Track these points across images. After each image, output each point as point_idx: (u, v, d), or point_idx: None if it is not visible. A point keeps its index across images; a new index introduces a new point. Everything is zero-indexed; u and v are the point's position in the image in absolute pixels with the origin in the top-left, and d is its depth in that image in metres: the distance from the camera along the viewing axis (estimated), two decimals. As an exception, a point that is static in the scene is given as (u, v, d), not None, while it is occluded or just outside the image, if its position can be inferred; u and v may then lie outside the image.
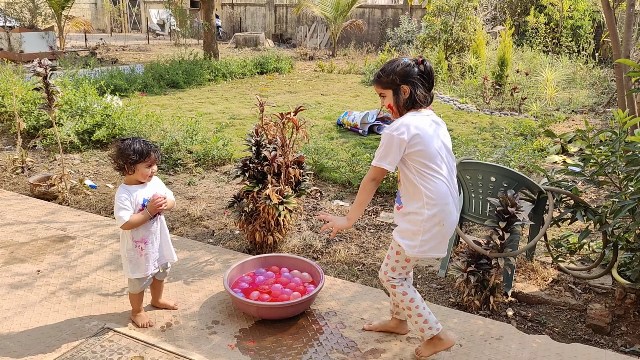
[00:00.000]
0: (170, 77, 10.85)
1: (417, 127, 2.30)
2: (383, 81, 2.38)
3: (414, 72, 2.34)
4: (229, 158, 5.93)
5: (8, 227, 4.03)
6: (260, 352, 2.62)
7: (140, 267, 2.73)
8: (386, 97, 2.41)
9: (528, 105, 8.84)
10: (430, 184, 2.33)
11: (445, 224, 2.37)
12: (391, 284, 2.51)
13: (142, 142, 2.69)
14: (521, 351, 2.65)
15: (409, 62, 2.35)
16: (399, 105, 2.38)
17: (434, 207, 2.33)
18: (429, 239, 2.36)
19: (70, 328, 2.79)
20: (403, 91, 2.35)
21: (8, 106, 6.79)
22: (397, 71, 2.34)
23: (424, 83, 2.36)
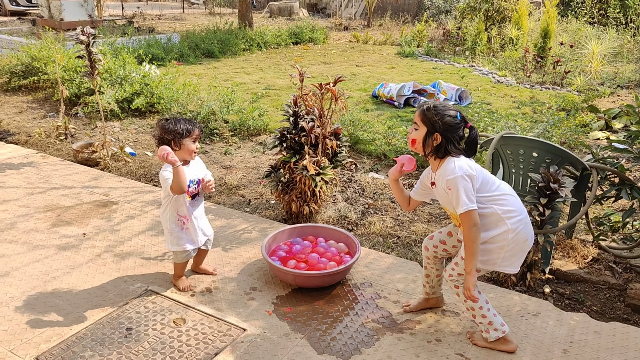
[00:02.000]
0: (205, 46, 10.89)
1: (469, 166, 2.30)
2: (427, 116, 2.33)
3: (458, 131, 2.31)
4: (264, 128, 5.97)
5: (54, 191, 4.18)
6: (297, 319, 2.68)
7: (180, 240, 2.81)
8: (418, 130, 2.38)
9: (571, 79, 8.53)
10: (504, 203, 2.31)
11: (528, 240, 2.35)
12: (455, 284, 2.48)
13: (185, 119, 2.79)
14: (558, 328, 2.64)
15: (459, 121, 2.32)
16: (423, 146, 2.37)
17: (519, 224, 2.30)
18: (510, 256, 2.34)
19: (116, 289, 2.91)
20: (435, 138, 2.32)
21: (51, 74, 6.96)
22: (444, 119, 2.30)
23: (459, 144, 2.32)
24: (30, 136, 5.67)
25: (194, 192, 2.82)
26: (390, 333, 2.59)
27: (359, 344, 2.50)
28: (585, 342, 2.53)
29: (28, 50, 7.30)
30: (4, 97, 7.24)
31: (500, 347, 2.46)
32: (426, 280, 2.73)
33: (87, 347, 2.43)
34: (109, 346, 2.45)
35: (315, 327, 2.62)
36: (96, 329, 2.57)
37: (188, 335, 2.53)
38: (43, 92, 7.27)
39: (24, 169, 4.61)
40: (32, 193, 4.12)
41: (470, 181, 2.25)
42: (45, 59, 7.12)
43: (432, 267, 2.68)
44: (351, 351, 2.46)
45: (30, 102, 7.04)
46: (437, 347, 2.49)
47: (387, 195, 4.40)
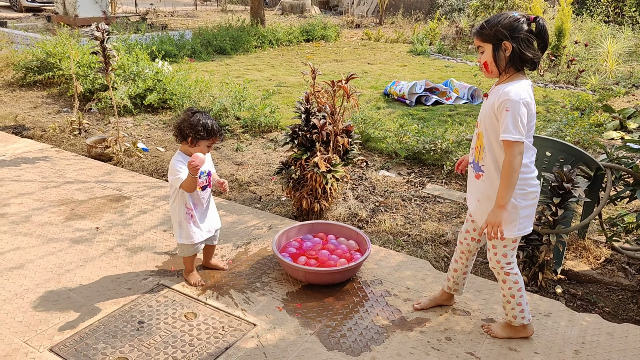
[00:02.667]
0: (217, 43, 10.93)
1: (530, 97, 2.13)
2: (485, 33, 2.13)
3: (522, 28, 2.08)
4: (275, 125, 5.98)
5: (68, 185, 4.23)
6: (307, 315, 2.69)
7: (188, 233, 2.83)
8: (485, 52, 2.16)
9: (585, 78, 8.44)
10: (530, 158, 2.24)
11: (537, 196, 2.31)
12: (506, 271, 2.37)
13: (212, 120, 2.76)
14: (570, 329, 2.62)
15: (519, 17, 2.10)
16: (497, 64, 2.14)
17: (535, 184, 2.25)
18: (529, 215, 2.28)
19: (128, 283, 2.94)
20: (504, 48, 2.11)
21: (65, 69, 7.03)
22: (503, 24, 2.09)
23: (531, 43, 2.09)
24: (45, 131, 5.73)
25: (204, 184, 2.83)
26: (400, 331, 2.59)
27: (368, 341, 2.51)
28: (597, 343, 2.52)
29: (43, 46, 7.38)
30: (19, 92, 7.33)
31: (520, 334, 2.49)
32: (452, 275, 2.68)
33: (100, 340, 2.46)
34: (121, 339, 2.47)
35: (325, 323, 2.63)
36: (109, 321, 2.60)
37: (199, 329, 2.55)
38: (57, 87, 7.34)
39: (39, 163, 4.67)
40: (47, 187, 4.17)
41: (527, 111, 2.08)
42: (60, 55, 7.19)
43: (464, 262, 2.63)
44: (361, 348, 2.46)
45: (45, 97, 7.12)
46: (447, 346, 2.48)
47: (397, 193, 4.39)
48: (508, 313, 2.49)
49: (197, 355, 2.38)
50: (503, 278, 2.42)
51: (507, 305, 2.47)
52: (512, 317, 2.47)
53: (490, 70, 2.18)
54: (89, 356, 2.36)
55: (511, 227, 2.27)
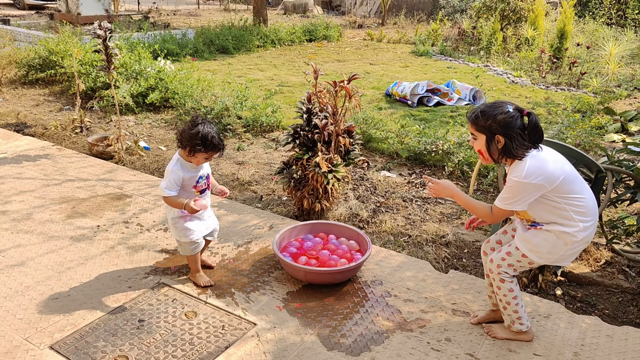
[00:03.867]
0: (220, 42, 10.94)
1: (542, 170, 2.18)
2: (479, 124, 2.23)
3: (516, 124, 2.17)
4: (277, 125, 5.98)
5: (70, 183, 4.24)
6: (307, 315, 2.70)
7: (185, 232, 2.83)
8: (477, 140, 2.28)
9: (587, 80, 8.43)
10: (580, 208, 2.25)
11: (588, 241, 2.33)
12: (501, 278, 2.40)
13: (212, 133, 2.68)
14: (570, 330, 2.62)
15: (513, 113, 2.18)
16: (491, 154, 2.26)
17: (588, 229, 2.26)
18: (572, 253, 2.32)
19: (128, 281, 2.94)
20: (497, 141, 2.21)
21: (67, 67, 7.04)
22: (497, 119, 2.18)
23: (523, 139, 2.18)
24: (47, 129, 5.74)
25: (202, 187, 2.84)
26: (400, 331, 2.59)
27: (368, 341, 2.51)
28: (597, 346, 2.52)
29: (46, 44, 7.39)
30: (21, 89, 7.35)
31: (520, 337, 2.52)
32: (490, 290, 2.63)
33: (100, 338, 2.47)
34: (121, 337, 2.48)
35: (325, 323, 2.64)
36: (109, 319, 2.60)
37: (199, 328, 2.56)
38: (59, 85, 7.36)
39: (40, 161, 4.68)
40: (48, 185, 4.18)
41: (529, 190, 2.17)
42: (63, 53, 7.20)
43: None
44: (361, 348, 2.46)
45: (47, 95, 7.13)
46: (446, 347, 2.49)
47: (398, 194, 4.39)
48: (505, 319, 2.51)
49: (197, 354, 2.39)
50: (498, 284, 2.43)
51: (504, 312, 2.49)
52: (510, 322, 2.49)
53: (485, 158, 2.31)
54: (89, 354, 2.36)
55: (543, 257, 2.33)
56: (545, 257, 2.32)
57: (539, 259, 2.33)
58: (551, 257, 2.31)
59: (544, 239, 2.28)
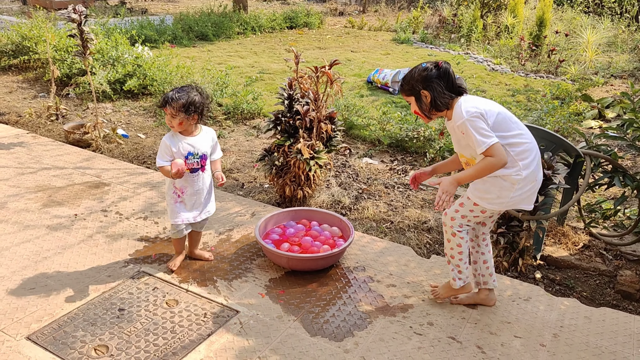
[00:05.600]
0: (199, 29, 10.76)
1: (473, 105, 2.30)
2: (405, 89, 2.45)
3: (432, 75, 2.35)
4: (258, 112, 5.93)
5: (46, 171, 4.14)
6: (290, 302, 2.69)
7: (173, 213, 2.80)
8: (411, 104, 2.47)
9: (565, 67, 8.53)
10: (519, 146, 2.33)
11: (537, 179, 2.41)
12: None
13: (180, 92, 2.66)
14: (549, 312, 2.66)
15: (427, 67, 2.38)
16: (424, 110, 2.43)
17: (529, 167, 2.34)
18: (521, 194, 2.37)
19: (108, 270, 2.89)
20: (424, 96, 2.39)
21: (41, 53, 6.85)
22: (415, 77, 2.39)
23: (442, 84, 2.35)
24: (21, 116, 5.59)
25: (193, 166, 2.78)
26: (383, 316, 2.60)
27: (351, 327, 2.52)
28: (576, 327, 2.56)
29: (18, 29, 7.17)
30: (-7, 76, 7.13)
31: (460, 292, 2.64)
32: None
33: (79, 327, 2.42)
34: (101, 326, 2.44)
35: (309, 309, 2.63)
36: (88, 309, 2.56)
37: (181, 317, 2.53)
38: (33, 72, 7.17)
39: (14, 149, 4.55)
40: (23, 173, 4.07)
41: (480, 119, 2.25)
42: (36, 38, 7.00)
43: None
44: (344, 333, 2.47)
45: (21, 82, 6.94)
46: (429, 331, 2.50)
47: (380, 180, 4.39)
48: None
49: (179, 342, 2.36)
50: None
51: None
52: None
53: (423, 117, 2.47)
54: (68, 344, 2.32)
55: (495, 202, 2.39)
56: (496, 202, 2.39)
57: (490, 204, 2.40)
58: (502, 201, 2.37)
59: (491, 183, 2.37)
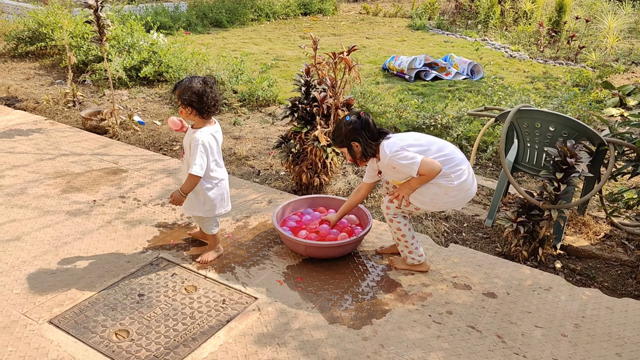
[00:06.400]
0: (213, 15, 10.72)
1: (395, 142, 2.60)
2: (337, 142, 2.70)
3: (357, 127, 2.59)
4: (273, 99, 5.90)
5: (64, 157, 4.17)
6: (307, 289, 2.68)
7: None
8: (345, 153, 2.71)
9: (585, 54, 8.36)
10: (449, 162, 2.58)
11: (471, 190, 2.66)
12: (390, 218, 2.76)
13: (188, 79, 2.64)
14: (570, 303, 2.63)
15: (351, 120, 2.62)
16: (357, 158, 2.69)
17: (461, 176, 2.58)
18: (453, 200, 2.63)
19: (127, 256, 2.91)
20: (355, 146, 2.64)
21: (57, 40, 6.88)
22: (344, 133, 2.63)
23: (367, 135, 2.60)
24: (38, 103, 5.63)
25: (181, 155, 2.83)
26: (401, 304, 2.59)
27: (370, 315, 2.51)
28: (597, 317, 2.53)
29: (35, 15, 7.19)
30: (11, 63, 7.18)
31: (416, 269, 2.86)
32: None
33: (100, 312, 2.45)
34: (121, 311, 2.46)
35: (327, 297, 2.63)
36: (108, 294, 2.58)
37: (200, 302, 2.54)
38: (50, 58, 7.20)
39: (33, 135, 4.59)
40: (42, 159, 4.11)
41: (401, 152, 2.53)
42: (52, 25, 7.02)
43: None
44: (362, 321, 2.46)
45: (38, 68, 6.98)
46: (448, 319, 2.49)
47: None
48: (401, 253, 2.85)
49: (198, 327, 2.37)
50: (388, 223, 2.79)
51: (398, 247, 2.83)
52: (404, 256, 2.84)
53: (358, 163, 2.74)
54: (89, 328, 2.34)
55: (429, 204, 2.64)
56: (428, 204, 2.64)
57: (422, 205, 2.65)
58: (435, 204, 2.64)
59: (426, 188, 2.61)
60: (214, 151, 2.68)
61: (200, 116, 2.64)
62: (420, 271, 2.86)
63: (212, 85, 2.63)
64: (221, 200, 2.80)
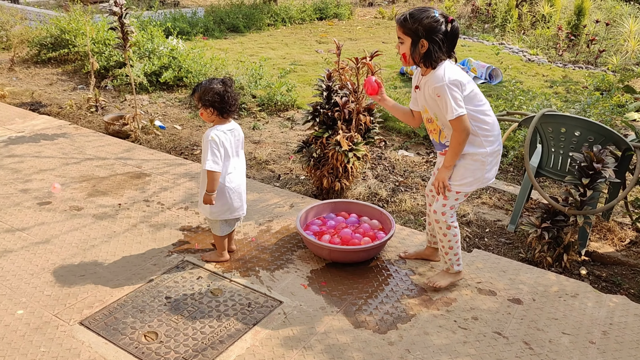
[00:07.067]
0: (230, 21, 10.82)
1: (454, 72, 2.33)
2: (407, 26, 2.30)
3: (440, 29, 2.27)
4: (292, 104, 5.93)
5: (89, 161, 4.24)
6: (332, 293, 2.70)
7: None
8: (404, 43, 2.35)
9: (606, 58, 8.28)
10: (484, 123, 2.41)
11: (500, 151, 2.52)
12: (448, 225, 2.56)
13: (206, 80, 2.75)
14: (597, 310, 2.60)
15: (439, 18, 2.27)
16: (413, 57, 2.35)
17: (493, 142, 2.45)
18: (491, 168, 2.50)
19: (153, 259, 2.95)
20: (421, 45, 2.30)
21: (80, 46, 6.99)
22: (423, 23, 2.26)
23: (444, 43, 2.30)
24: (62, 108, 5.73)
25: None
26: (426, 309, 2.59)
27: (395, 319, 2.51)
28: (626, 325, 2.50)
29: (57, 22, 7.33)
30: (34, 68, 7.32)
31: (457, 278, 2.74)
32: (428, 228, 2.90)
33: (129, 314, 2.48)
34: (149, 313, 2.49)
35: (351, 301, 2.64)
36: (136, 296, 2.62)
37: (226, 306, 2.57)
38: (72, 64, 7.32)
39: (58, 140, 4.67)
40: (68, 163, 4.18)
41: (457, 89, 2.29)
42: (75, 32, 7.15)
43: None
44: (388, 326, 2.46)
45: (60, 74, 7.10)
46: (474, 325, 2.48)
47: (417, 173, 4.36)
48: (447, 262, 2.69)
49: (225, 330, 2.40)
50: (444, 232, 2.59)
51: (446, 256, 2.67)
52: (450, 265, 2.68)
53: (407, 61, 2.40)
54: (119, 330, 2.38)
55: (471, 182, 2.49)
56: (475, 184, 2.49)
57: (470, 187, 2.50)
58: (478, 180, 2.48)
59: (464, 167, 2.45)
60: (225, 145, 2.70)
61: (221, 116, 2.72)
62: (460, 278, 2.76)
63: (231, 85, 2.74)
64: (228, 205, 2.77)
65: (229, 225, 2.86)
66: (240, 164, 2.83)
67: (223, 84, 2.70)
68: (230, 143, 2.72)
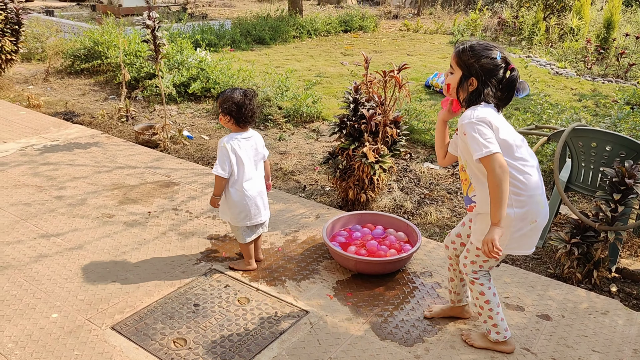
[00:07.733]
0: (256, 33, 10.99)
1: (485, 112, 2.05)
2: (462, 59, 2.09)
3: (497, 75, 2.06)
4: (317, 115, 5.99)
5: (120, 170, 4.35)
6: (358, 304, 2.70)
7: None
8: (454, 74, 2.14)
9: (636, 72, 8.14)
10: (518, 178, 2.07)
11: (538, 220, 2.12)
12: (471, 279, 2.29)
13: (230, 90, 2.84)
14: (628, 327, 2.55)
15: (499, 62, 2.06)
16: (457, 92, 2.15)
17: (524, 205, 2.08)
18: (519, 237, 2.12)
19: (181, 266, 3.01)
20: (470, 82, 2.09)
21: (112, 57, 7.19)
22: (481, 61, 2.05)
23: (497, 90, 2.08)
24: (94, 117, 5.89)
25: None
26: (452, 324, 2.57)
27: (421, 332, 2.50)
28: (659, 344, 2.45)
29: (91, 34, 7.56)
30: (67, 79, 7.55)
31: (498, 348, 2.36)
32: (450, 286, 2.56)
33: (159, 320, 2.53)
34: (178, 320, 2.54)
35: (377, 313, 2.64)
36: (165, 303, 2.67)
37: (252, 314, 2.60)
38: (104, 75, 7.53)
39: (91, 149, 4.81)
40: (100, 171, 4.30)
41: (487, 126, 2.00)
42: (107, 44, 7.36)
43: (455, 267, 2.49)
44: (414, 339, 2.46)
45: (92, 85, 7.31)
46: (501, 340, 2.45)
47: (443, 186, 4.34)
48: (483, 326, 2.40)
49: (252, 339, 2.43)
50: (469, 287, 2.34)
51: (480, 317, 2.38)
52: (486, 330, 2.36)
53: (449, 92, 2.18)
54: (149, 335, 2.43)
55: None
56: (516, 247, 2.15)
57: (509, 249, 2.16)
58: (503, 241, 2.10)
59: (487, 223, 2.07)
60: (237, 153, 2.76)
61: (237, 125, 2.81)
62: (503, 352, 2.36)
63: (252, 98, 2.80)
64: (245, 212, 2.82)
65: (251, 231, 2.91)
66: (257, 171, 2.88)
67: (244, 95, 2.79)
68: (245, 151, 2.79)
